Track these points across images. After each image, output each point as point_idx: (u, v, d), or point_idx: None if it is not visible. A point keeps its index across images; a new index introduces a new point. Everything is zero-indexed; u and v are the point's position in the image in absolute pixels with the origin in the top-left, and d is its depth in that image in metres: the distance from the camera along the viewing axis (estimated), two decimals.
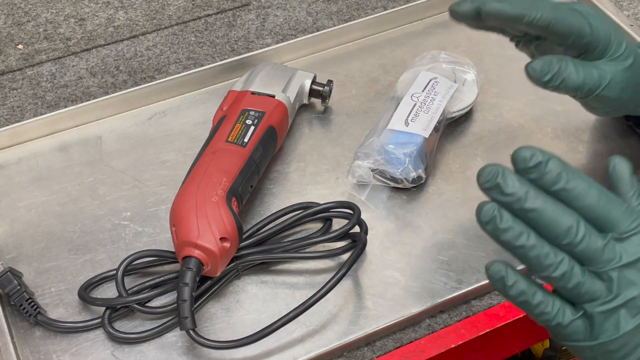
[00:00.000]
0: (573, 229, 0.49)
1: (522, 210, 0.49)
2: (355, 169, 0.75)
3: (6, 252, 0.73)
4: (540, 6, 0.64)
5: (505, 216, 0.49)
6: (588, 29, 0.65)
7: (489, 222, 0.49)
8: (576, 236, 0.49)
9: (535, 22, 0.64)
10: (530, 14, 0.63)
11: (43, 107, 0.85)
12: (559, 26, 0.64)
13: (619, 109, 0.69)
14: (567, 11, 0.65)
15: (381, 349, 0.68)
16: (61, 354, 0.67)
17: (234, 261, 0.69)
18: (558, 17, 0.64)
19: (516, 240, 0.49)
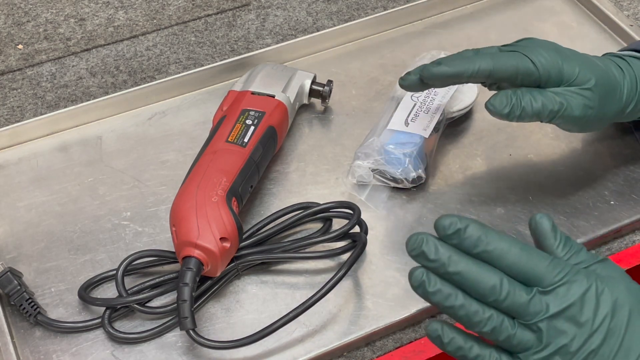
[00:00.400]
0: (497, 287, 0.52)
1: (447, 274, 0.53)
2: (355, 169, 0.75)
3: (6, 252, 0.73)
4: (479, 59, 0.67)
5: (433, 280, 0.53)
6: (532, 66, 0.67)
7: (419, 287, 0.53)
8: (500, 293, 0.52)
9: (476, 75, 0.67)
10: (468, 69, 0.67)
11: (43, 107, 0.85)
12: (501, 72, 0.67)
13: (594, 124, 0.71)
14: (506, 55, 0.68)
15: (381, 349, 0.68)
16: (61, 354, 0.67)
17: (234, 261, 0.69)
18: (497, 65, 0.67)
19: (445, 301, 0.53)
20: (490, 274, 0.52)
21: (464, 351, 0.53)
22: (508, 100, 0.66)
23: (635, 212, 0.75)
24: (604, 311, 0.53)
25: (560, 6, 0.94)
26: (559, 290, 0.53)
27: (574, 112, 0.67)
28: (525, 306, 0.52)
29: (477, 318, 0.52)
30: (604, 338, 0.52)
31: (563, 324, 0.52)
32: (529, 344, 0.53)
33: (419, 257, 0.53)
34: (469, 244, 0.53)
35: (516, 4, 0.94)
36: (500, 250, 0.53)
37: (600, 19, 0.92)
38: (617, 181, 0.77)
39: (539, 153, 0.80)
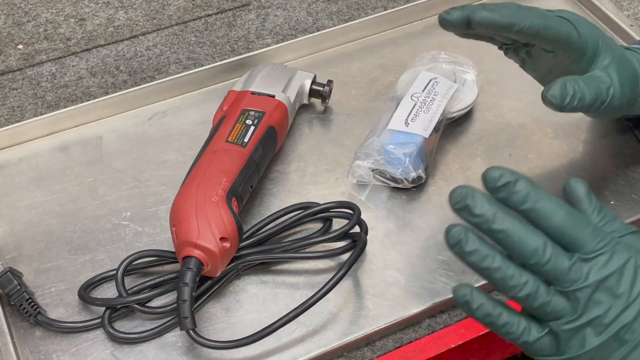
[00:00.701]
0: (540, 249, 0.50)
1: (491, 231, 0.50)
2: (355, 169, 0.75)
3: (6, 252, 0.73)
4: (529, 15, 0.65)
5: (471, 239, 0.50)
6: (576, 35, 0.66)
7: (456, 245, 0.51)
8: (543, 257, 0.50)
9: (524, 31, 0.64)
10: (520, 22, 0.64)
11: (43, 107, 0.85)
12: (548, 34, 0.65)
13: (620, 112, 0.70)
14: (555, 19, 0.66)
15: (381, 349, 0.68)
16: (61, 354, 0.67)
17: (234, 261, 0.69)
18: (546, 25, 0.65)
19: (481, 262, 0.51)
20: (535, 235, 0.51)
21: (492, 318, 0.52)
22: (567, 90, 0.64)
23: (635, 212, 0.75)
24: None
25: (560, 6, 0.94)
26: (600, 259, 0.51)
27: (615, 101, 0.67)
28: (566, 272, 0.51)
29: (513, 282, 0.50)
30: (638, 312, 0.51)
31: (600, 294, 0.51)
32: (562, 312, 0.51)
33: (463, 211, 0.50)
34: (517, 199, 0.50)
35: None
36: (547, 210, 0.51)
37: (600, 19, 0.92)
38: (617, 181, 0.77)
39: (539, 153, 0.80)
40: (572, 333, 0.51)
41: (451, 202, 0.51)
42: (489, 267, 0.51)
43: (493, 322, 0.52)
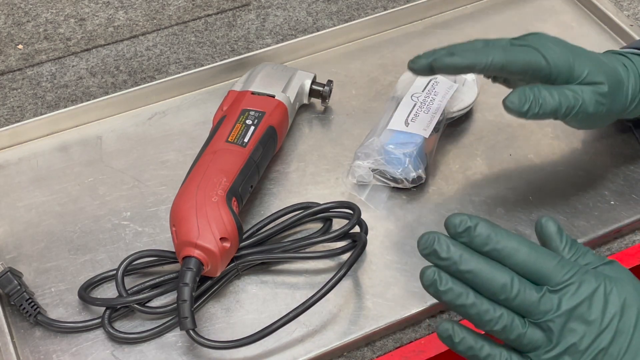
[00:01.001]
0: (507, 285, 0.53)
1: (459, 272, 0.53)
2: (355, 169, 0.75)
3: (6, 252, 0.73)
4: (491, 51, 0.67)
5: (444, 279, 0.53)
6: (543, 62, 0.67)
7: (431, 285, 0.53)
8: (511, 292, 0.53)
9: (487, 68, 0.67)
10: (481, 62, 0.66)
11: (43, 107, 0.85)
12: (513, 66, 0.67)
13: (601, 120, 0.70)
14: (519, 49, 0.67)
15: (381, 349, 0.68)
16: (61, 354, 0.67)
17: (234, 261, 0.69)
18: (510, 58, 0.67)
19: (456, 300, 0.53)
20: (501, 272, 0.53)
21: (474, 351, 0.53)
22: (527, 97, 0.65)
23: (635, 212, 0.75)
24: (612, 310, 0.53)
25: (560, 6, 0.94)
26: (569, 289, 0.53)
27: (588, 108, 0.67)
28: (536, 304, 0.53)
29: (488, 316, 0.53)
30: (612, 337, 0.53)
31: (572, 323, 0.53)
32: (539, 343, 0.53)
33: (431, 256, 0.53)
34: (478, 242, 0.53)
35: (516, 4, 0.94)
36: (509, 249, 0.53)
37: (600, 19, 0.92)
38: (617, 181, 0.77)
39: (539, 153, 0.80)
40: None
41: (419, 248, 0.54)
42: (463, 304, 0.53)
43: (476, 354, 0.54)
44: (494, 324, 0.53)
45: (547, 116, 0.67)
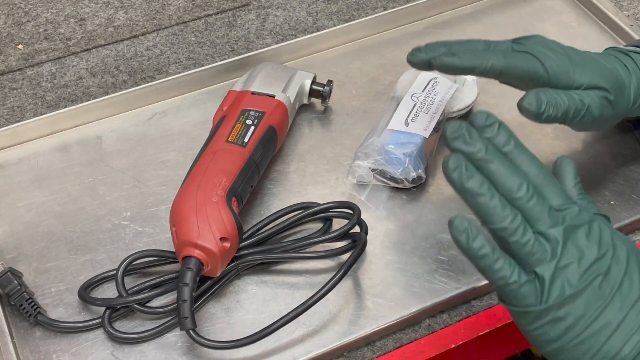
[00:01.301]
0: (524, 186, 0.53)
1: (483, 160, 0.53)
2: (355, 169, 0.75)
3: (6, 252, 0.73)
4: (491, 56, 0.67)
5: (469, 165, 0.52)
6: (541, 69, 0.67)
7: (455, 169, 0.52)
8: (527, 193, 0.53)
9: (486, 72, 0.67)
10: (481, 65, 0.67)
11: (43, 107, 0.85)
12: (512, 72, 0.67)
13: (606, 123, 0.71)
14: (519, 56, 0.68)
15: (381, 349, 0.68)
16: (61, 354, 0.67)
17: (234, 261, 0.69)
18: (509, 65, 0.67)
19: (479, 188, 0.52)
20: (519, 172, 0.53)
21: (487, 250, 0.52)
22: (542, 99, 0.65)
23: (635, 212, 0.75)
24: (607, 242, 0.53)
25: (560, 6, 0.94)
26: (572, 210, 0.53)
27: (593, 112, 0.67)
28: (546, 213, 0.53)
29: (506, 211, 0.52)
30: (610, 264, 0.53)
31: (574, 241, 0.53)
32: (544, 255, 0.52)
33: (458, 140, 0.53)
34: (500, 140, 0.53)
35: (516, 4, 0.94)
36: (525, 156, 0.54)
37: (600, 19, 0.92)
38: (617, 181, 0.77)
39: (539, 153, 0.79)
40: (553, 277, 0.52)
41: (447, 133, 0.53)
42: (484, 193, 0.52)
43: (487, 254, 0.52)
44: (511, 220, 0.52)
45: (558, 119, 0.67)
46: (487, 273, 0.53)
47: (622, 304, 0.53)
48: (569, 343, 0.53)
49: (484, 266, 0.52)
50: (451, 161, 0.52)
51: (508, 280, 0.52)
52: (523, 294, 0.52)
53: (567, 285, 0.52)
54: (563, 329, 0.53)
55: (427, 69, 0.69)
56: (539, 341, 0.54)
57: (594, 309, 0.52)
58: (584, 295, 0.52)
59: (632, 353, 0.52)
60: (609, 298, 0.52)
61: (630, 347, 0.52)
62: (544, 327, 0.53)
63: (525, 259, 0.53)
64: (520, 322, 0.54)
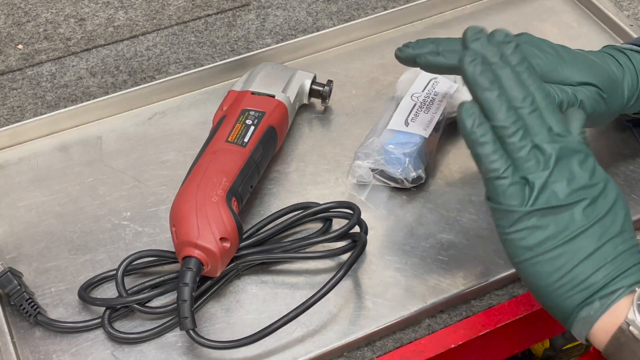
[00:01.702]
0: (529, 98, 0.55)
1: (496, 65, 0.55)
2: (355, 169, 0.75)
3: (6, 252, 0.73)
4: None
5: (485, 62, 0.55)
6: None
7: (472, 62, 0.55)
8: (531, 105, 0.55)
9: None
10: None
11: (43, 107, 0.85)
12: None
13: (600, 119, 0.71)
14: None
15: (381, 349, 0.68)
16: (61, 354, 0.67)
17: (234, 261, 0.69)
18: None
19: (490, 83, 0.55)
20: (528, 90, 0.56)
21: (489, 138, 0.54)
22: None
23: (635, 212, 0.75)
24: (599, 176, 0.55)
25: (560, 6, 0.94)
26: (571, 138, 0.55)
27: (586, 107, 0.68)
28: (546, 129, 0.54)
29: (509, 112, 0.54)
30: (599, 194, 0.54)
31: (569, 162, 0.54)
32: (538, 164, 0.54)
33: (477, 42, 0.56)
34: (515, 59, 0.56)
35: (516, 4, 0.94)
36: (538, 81, 0.56)
37: (600, 19, 0.92)
38: (617, 181, 0.77)
39: None
40: (543, 186, 0.53)
41: (467, 35, 0.56)
42: (493, 90, 0.54)
43: (488, 142, 0.54)
44: (512, 122, 0.54)
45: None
46: (483, 162, 0.54)
47: (602, 234, 0.54)
48: (544, 255, 0.54)
49: (481, 154, 0.54)
50: (469, 54, 0.55)
51: (501, 173, 0.54)
52: (511, 192, 0.54)
53: (553, 197, 0.53)
54: (541, 238, 0.54)
55: (414, 66, 0.70)
56: (516, 247, 0.55)
57: (574, 228, 0.53)
58: (568, 212, 0.54)
59: (604, 280, 0.53)
60: (590, 223, 0.54)
61: (603, 274, 0.53)
62: (524, 231, 0.54)
63: (518, 164, 0.54)
64: (501, 223, 0.55)
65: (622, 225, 0.55)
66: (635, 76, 0.70)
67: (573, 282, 0.54)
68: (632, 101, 0.71)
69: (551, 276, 0.54)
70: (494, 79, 0.55)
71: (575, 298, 0.54)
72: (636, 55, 0.71)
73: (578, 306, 0.54)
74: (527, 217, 0.54)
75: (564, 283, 0.54)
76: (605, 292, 0.53)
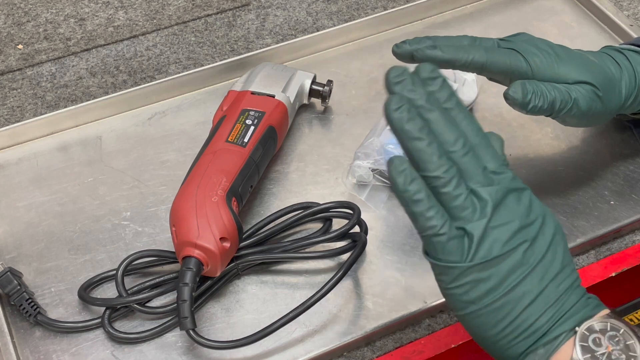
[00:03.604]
0: (461, 140, 0.53)
1: (423, 109, 0.52)
2: (355, 169, 0.75)
3: (6, 252, 0.73)
4: (473, 50, 0.67)
5: (411, 109, 0.52)
6: (525, 65, 0.67)
7: (397, 110, 0.52)
8: (463, 147, 0.52)
9: (467, 65, 0.67)
10: (461, 58, 0.67)
11: (43, 107, 0.85)
12: (494, 67, 0.67)
13: (598, 118, 0.70)
14: (502, 52, 0.68)
15: (381, 349, 0.68)
16: (61, 354, 0.67)
17: (234, 261, 0.69)
18: (490, 59, 0.67)
19: (419, 131, 0.51)
20: (459, 129, 0.53)
21: (423, 195, 0.51)
22: (528, 89, 0.66)
23: (635, 212, 0.75)
24: (536, 211, 0.53)
25: (560, 6, 0.94)
26: (507, 175, 0.53)
27: (581, 105, 0.67)
28: (481, 171, 0.52)
29: (441, 161, 0.51)
30: (536, 234, 0.53)
31: (506, 204, 0.52)
32: (475, 213, 0.52)
33: (400, 85, 0.53)
34: (443, 95, 0.53)
35: (516, 4, 0.94)
36: (464, 116, 0.53)
37: (600, 19, 0.92)
38: (617, 181, 0.77)
39: (539, 153, 0.80)
40: (482, 236, 0.52)
41: (390, 77, 0.53)
42: (422, 138, 0.51)
43: (421, 201, 0.51)
44: (445, 170, 0.51)
45: (545, 110, 0.67)
46: (418, 220, 0.52)
47: (544, 275, 0.53)
48: (488, 306, 0.53)
49: (417, 212, 0.52)
50: (394, 101, 0.51)
51: (438, 230, 0.51)
52: (450, 248, 0.52)
53: (494, 246, 0.52)
54: (484, 290, 0.52)
55: (411, 62, 0.68)
56: (458, 301, 0.53)
57: (516, 275, 0.52)
58: (509, 260, 0.52)
59: (547, 325, 0.53)
60: (531, 266, 0.52)
61: (547, 318, 0.53)
62: (465, 286, 0.52)
63: (454, 213, 0.52)
64: (442, 278, 0.53)
65: (562, 261, 0.53)
66: (633, 75, 0.70)
67: (517, 330, 0.53)
68: (630, 100, 0.71)
69: (495, 327, 0.53)
70: (422, 125, 0.52)
71: (519, 346, 0.53)
72: (634, 55, 0.71)
73: (522, 354, 0.53)
74: (468, 272, 0.52)
75: (508, 332, 0.53)
76: (549, 337, 0.53)
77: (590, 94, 0.68)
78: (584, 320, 0.53)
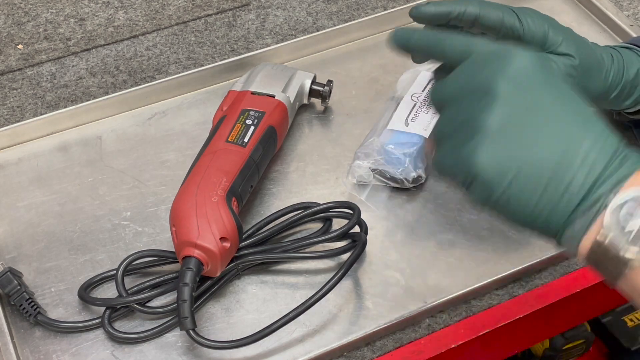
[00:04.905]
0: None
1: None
2: (355, 169, 0.75)
3: (6, 252, 0.73)
4: (466, 2, 0.69)
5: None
6: (517, 23, 0.68)
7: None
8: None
9: (462, 17, 0.68)
10: (454, 10, 0.68)
11: (43, 107, 0.85)
12: (487, 20, 0.68)
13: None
14: (496, 6, 0.69)
15: (381, 349, 0.68)
16: (61, 354, 0.67)
17: (234, 261, 0.69)
18: (483, 12, 0.68)
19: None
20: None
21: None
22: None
23: None
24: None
25: (560, 6, 0.94)
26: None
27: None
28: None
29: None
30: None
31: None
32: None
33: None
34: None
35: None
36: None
37: (600, 19, 0.92)
38: None
39: None
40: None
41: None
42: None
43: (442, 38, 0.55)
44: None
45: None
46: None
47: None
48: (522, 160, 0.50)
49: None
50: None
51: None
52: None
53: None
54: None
55: (421, 22, 0.70)
56: (495, 175, 0.52)
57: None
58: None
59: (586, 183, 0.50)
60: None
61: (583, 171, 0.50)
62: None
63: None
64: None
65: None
66: (622, 68, 0.71)
67: (557, 192, 0.50)
68: (615, 92, 0.71)
69: (535, 191, 0.50)
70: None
71: (561, 212, 0.50)
72: (627, 51, 0.72)
73: (566, 222, 0.50)
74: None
75: (549, 194, 0.50)
76: (587, 203, 0.50)
77: (568, 68, 0.68)
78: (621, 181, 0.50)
